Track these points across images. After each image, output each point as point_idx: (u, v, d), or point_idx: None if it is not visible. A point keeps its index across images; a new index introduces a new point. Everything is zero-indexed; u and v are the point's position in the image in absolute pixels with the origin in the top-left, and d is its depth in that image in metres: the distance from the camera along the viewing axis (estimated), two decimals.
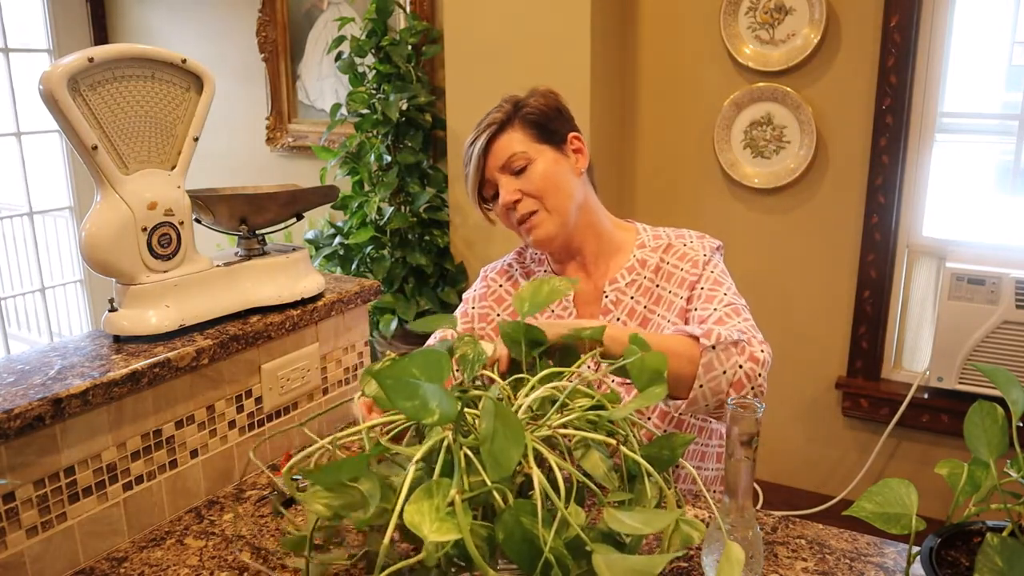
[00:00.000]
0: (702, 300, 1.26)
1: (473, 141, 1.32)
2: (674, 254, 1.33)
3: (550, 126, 1.31)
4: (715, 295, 1.26)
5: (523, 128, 1.30)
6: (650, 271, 1.33)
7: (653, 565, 0.69)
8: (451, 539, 0.67)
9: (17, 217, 3.83)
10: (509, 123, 1.30)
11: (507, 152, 1.29)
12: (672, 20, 2.61)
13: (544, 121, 1.31)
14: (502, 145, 1.29)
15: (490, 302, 1.40)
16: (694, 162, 2.66)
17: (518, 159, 1.28)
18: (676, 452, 0.87)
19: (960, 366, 2.29)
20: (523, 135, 1.30)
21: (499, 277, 1.43)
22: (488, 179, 1.31)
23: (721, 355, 1.11)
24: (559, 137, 1.32)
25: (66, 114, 1.06)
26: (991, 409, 0.86)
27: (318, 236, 3.06)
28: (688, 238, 1.35)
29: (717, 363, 1.11)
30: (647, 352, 0.89)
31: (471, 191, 1.34)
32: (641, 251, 1.35)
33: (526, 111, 1.31)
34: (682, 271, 1.31)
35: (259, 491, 1.25)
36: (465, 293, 1.46)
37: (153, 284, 1.17)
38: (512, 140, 1.29)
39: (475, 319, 1.40)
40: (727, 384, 1.12)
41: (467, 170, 1.33)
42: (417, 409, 0.69)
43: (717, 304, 1.24)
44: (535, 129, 1.30)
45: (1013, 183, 2.34)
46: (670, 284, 1.31)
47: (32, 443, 0.99)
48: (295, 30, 3.37)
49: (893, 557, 1.02)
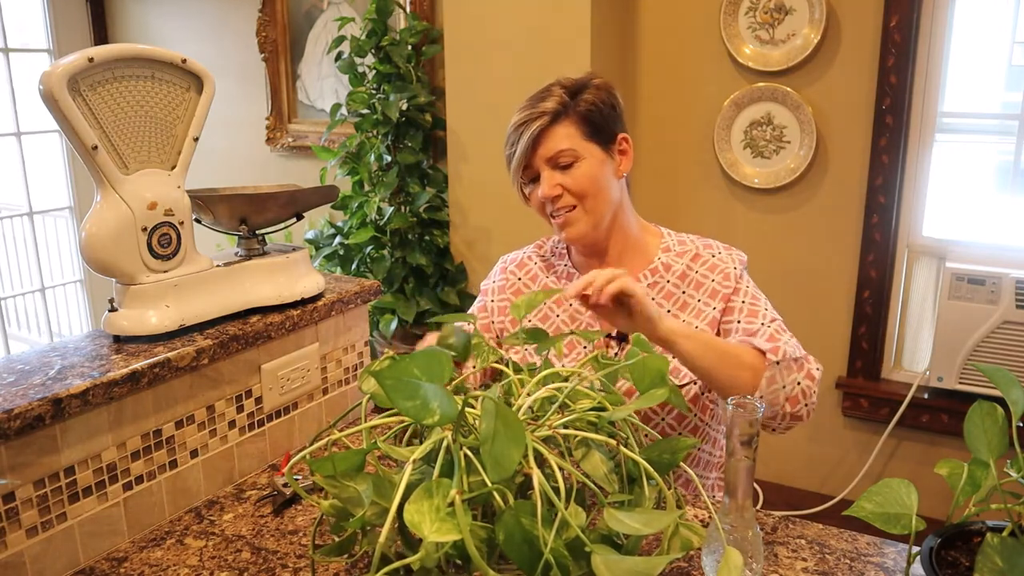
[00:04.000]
0: (744, 314, 1.27)
1: (522, 124, 1.28)
2: (703, 264, 1.33)
3: (603, 124, 1.29)
4: (757, 309, 1.27)
5: (576, 123, 1.27)
6: (675, 276, 1.32)
7: (653, 566, 0.69)
8: (451, 539, 0.67)
9: (17, 217, 3.83)
10: (564, 115, 1.27)
11: (556, 147, 1.27)
12: (672, 20, 2.61)
13: (598, 118, 1.29)
14: (552, 138, 1.27)
15: (508, 295, 1.40)
16: (694, 162, 2.66)
17: (565, 155, 1.27)
18: (677, 455, 0.87)
19: (960, 366, 2.29)
20: (575, 130, 1.27)
21: (518, 270, 1.42)
22: (532, 165, 1.30)
23: (784, 371, 1.16)
24: (609, 136, 1.30)
25: (66, 114, 1.06)
26: (991, 409, 0.86)
27: (318, 236, 3.06)
28: (716, 248, 1.35)
29: (779, 378, 1.16)
30: (650, 354, 0.89)
31: (513, 173, 1.32)
32: (666, 255, 1.34)
33: (582, 106, 1.28)
34: (713, 282, 1.31)
35: (259, 491, 1.25)
36: (484, 283, 1.46)
37: (153, 284, 1.17)
38: (563, 134, 1.27)
39: (494, 312, 1.40)
40: (784, 398, 1.17)
41: (512, 150, 1.30)
42: (418, 409, 0.69)
43: (763, 319, 1.26)
44: (587, 126, 1.28)
45: (1013, 183, 2.34)
46: (699, 293, 1.31)
47: (32, 443, 0.98)
48: (295, 30, 3.36)
49: (893, 557, 1.02)
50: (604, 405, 0.86)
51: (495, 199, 2.65)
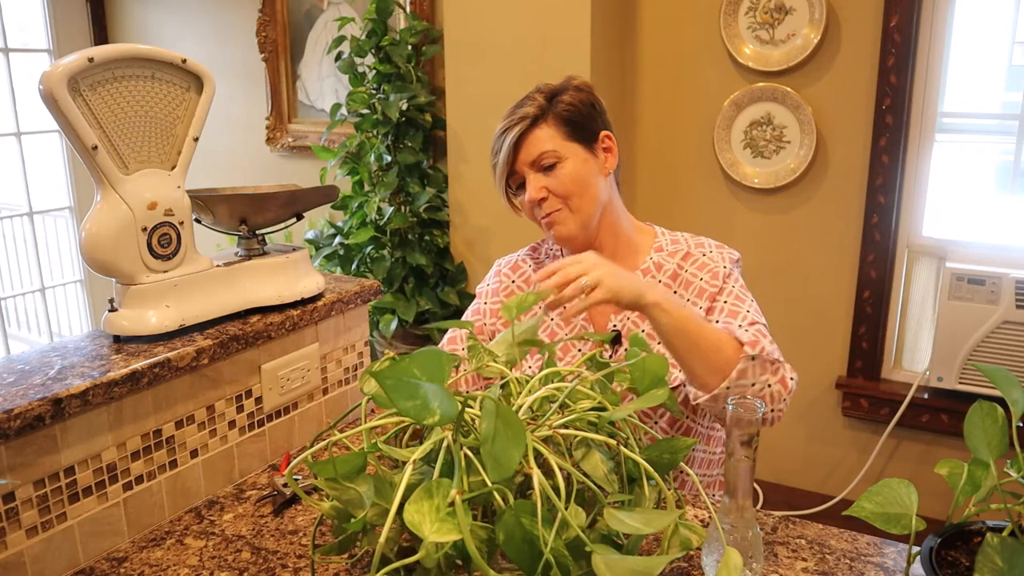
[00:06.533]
0: (724, 314, 1.26)
1: (504, 132, 1.30)
2: (693, 263, 1.32)
3: (583, 124, 1.30)
4: (738, 311, 1.26)
5: (555, 124, 1.28)
6: (666, 276, 1.32)
7: (653, 566, 0.69)
8: (451, 539, 0.67)
9: (17, 217, 3.83)
10: (542, 118, 1.28)
11: (537, 149, 1.28)
12: (672, 20, 2.61)
13: (577, 118, 1.29)
14: (533, 141, 1.28)
15: (502, 297, 1.41)
16: (694, 162, 2.66)
17: (547, 157, 1.27)
18: (677, 456, 0.87)
19: (960, 366, 2.29)
20: (555, 132, 1.28)
21: (512, 272, 1.43)
22: (516, 171, 1.31)
23: (756, 368, 1.13)
24: (591, 135, 1.31)
25: (66, 114, 1.06)
26: (991, 409, 0.86)
27: (318, 236, 3.06)
28: (707, 247, 1.34)
29: (750, 373, 1.13)
30: (649, 355, 0.89)
31: (499, 181, 1.33)
32: (658, 255, 1.35)
33: (560, 107, 1.29)
34: (701, 281, 1.30)
35: (259, 491, 1.25)
36: (479, 286, 1.46)
37: (153, 284, 1.17)
38: (543, 137, 1.28)
39: (486, 314, 1.41)
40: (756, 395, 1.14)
41: (496, 159, 1.31)
42: (418, 409, 0.69)
43: (741, 320, 1.25)
44: (567, 126, 1.29)
45: (1013, 183, 2.34)
46: (688, 292, 1.31)
47: (32, 443, 0.98)
48: (295, 30, 3.36)
49: (893, 557, 1.02)
50: (604, 405, 0.86)
51: (495, 199, 2.62)
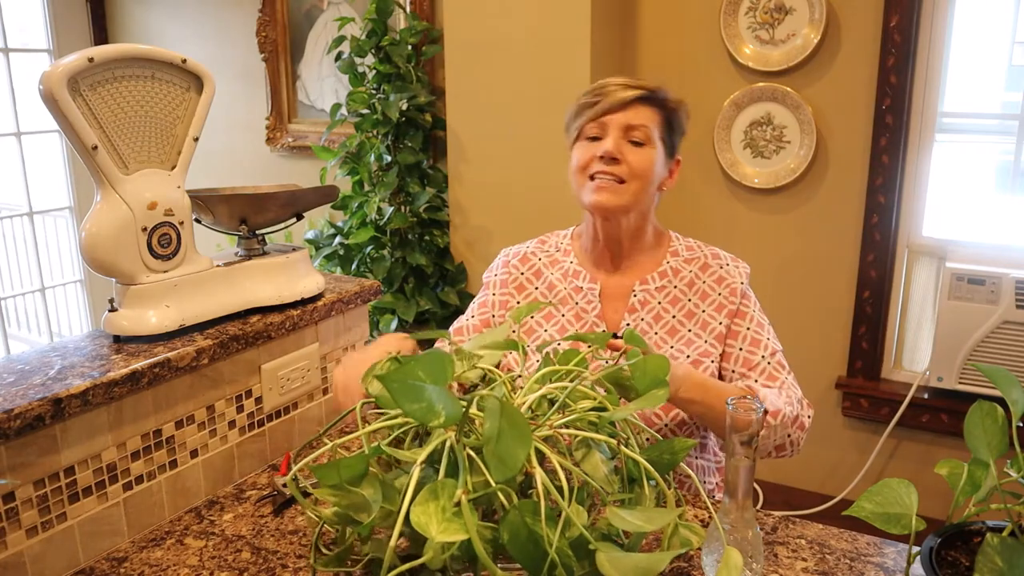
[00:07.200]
0: (747, 343, 1.29)
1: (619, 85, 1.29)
2: (711, 275, 1.34)
3: (675, 132, 1.33)
4: (760, 339, 1.30)
5: (661, 114, 1.30)
6: (683, 283, 1.34)
7: (657, 562, 0.69)
8: (459, 539, 0.67)
9: (17, 217, 3.82)
10: (654, 101, 1.30)
11: (639, 120, 1.28)
12: (672, 20, 2.61)
13: (675, 125, 1.33)
14: (641, 111, 1.28)
15: (511, 289, 1.41)
16: (694, 162, 2.66)
17: (640, 132, 1.28)
18: (677, 456, 0.87)
19: (960, 366, 2.29)
20: (658, 120, 1.30)
21: (521, 264, 1.42)
22: (606, 123, 1.29)
23: (779, 430, 1.20)
24: (672, 148, 1.34)
25: (66, 114, 1.06)
26: (991, 409, 0.86)
27: (318, 236, 3.06)
28: (723, 260, 1.36)
29: (772, 435, 1.20)
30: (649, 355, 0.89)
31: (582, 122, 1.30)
32: (675, 259, 1.36)
33: (671, 104, 1.31)
34: (720, 295, 1.32)
35: (259, 491, 1.25)
36: (485, 274, 1.46)
37: (153, 284, 1.17)
38: (648, 116, 1.29)
39: (494, 306, 1.40)
40: (773, 446, 1.23)
41: (593, 99, 1.29)
42: (424, 411, 0.69)
43: (764, 351, 1.29)
44: (666, 124, 1.31)
45: (1013, 183, 2.34)
46: (705, 304, 1.32)
47: (32, 443, 0.98)
48: (295, 30, 3.36)
49: (893, 557, 1.02)
50: (604, 405, 0.86)
51: (495, 199, 2.65)
